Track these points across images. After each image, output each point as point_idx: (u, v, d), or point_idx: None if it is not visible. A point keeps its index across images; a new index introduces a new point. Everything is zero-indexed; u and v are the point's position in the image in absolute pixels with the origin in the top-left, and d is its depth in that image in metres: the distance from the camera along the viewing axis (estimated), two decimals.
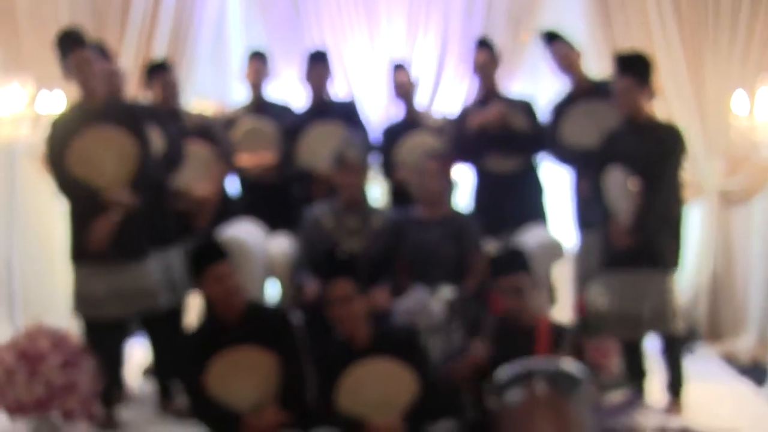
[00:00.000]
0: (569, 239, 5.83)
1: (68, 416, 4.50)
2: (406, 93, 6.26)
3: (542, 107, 6.05)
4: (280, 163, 6.12)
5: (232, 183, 6.03)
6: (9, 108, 6.23)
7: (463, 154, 5.98)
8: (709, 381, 5.80)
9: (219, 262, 4.45)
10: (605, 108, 5.41)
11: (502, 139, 5.87)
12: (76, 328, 5.18)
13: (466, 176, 6.19)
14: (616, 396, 5.30)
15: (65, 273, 6.76)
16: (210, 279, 4.41)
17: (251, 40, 7.43)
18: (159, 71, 5.73)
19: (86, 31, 5.07)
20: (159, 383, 5.29)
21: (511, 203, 5.87)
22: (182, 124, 5.63)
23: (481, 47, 6.04)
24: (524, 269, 4.59)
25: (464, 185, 6.18)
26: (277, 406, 4.31)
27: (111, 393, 4.98)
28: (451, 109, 6.71)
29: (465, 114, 6.13)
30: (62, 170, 4.82)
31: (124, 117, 4.95)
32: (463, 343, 4.83)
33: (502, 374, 4.13)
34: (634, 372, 5.31)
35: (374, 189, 6.52)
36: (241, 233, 5.40)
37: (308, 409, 4.43)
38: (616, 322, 5.09)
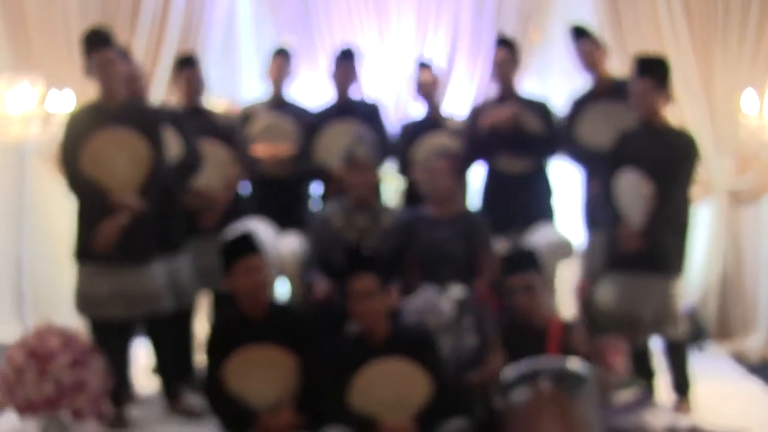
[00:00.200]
0: (577, 239, 5.82)
1: (78, 415, 4.51)
2: (429, 92, 6.25)
3: (554, 106, 6.04)
4: (295, 158, 6.12)
5: (244, 183, 6.02)
6: (19, 107, 6.25)
7: (474, 152, 5.97)
8: (719, 380, 5.81)
9: (250, 255, 4.45)
10: (623, 109, 5.39)
11: (513, 140, 5.86)
12: (85, 328, 5.19)
13: (477, 175, 6.18)
14: (625, 395, 5.29)
15: (74, 272, 6.82)
16: (240, 271, 4.40)
17: (261, 39, 7.45)
18: (185, 66, 5.77)
19: (113, 31, 5.11)
20: (164, 384, 5.30)
21: (520, 203, 5.85)
22: (203, 123, 5.65)
23: (501, 45, 6.02)
24: (535, 268, 4.61)
25: (474, 184, 6.19)
26: (293, 409, 4.30)
27: (120, 392, 4.99)
28: (461, 107, 6.71)
29: (478, 111, 6.12)
30: (74, 168, 4.83)
31: (140, 120, 4.96)
32: (473, 343, 4.85)
33: (508, 374, 4.13)
34: (642, 372, 5.30)
35: (387, 188, 6.52)
36: (251, 233, 5.40)
37: (321, 413, 4.43)
38: (620, 324, 5.09)
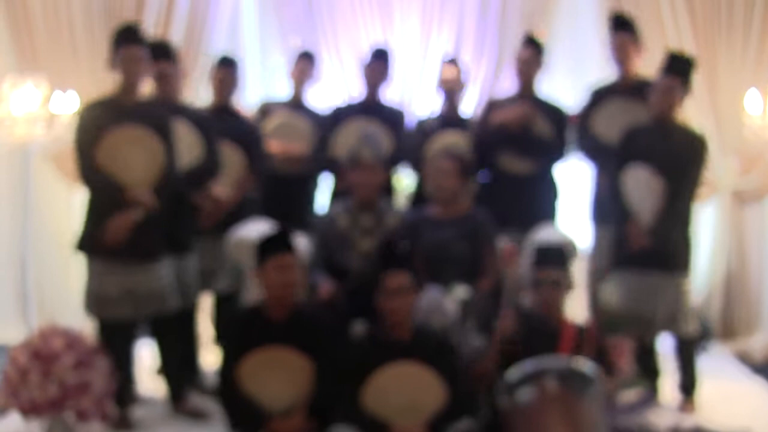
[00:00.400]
0: (582, 239, 5.82)
1: (82, 416, 4.51)
2: (449, 89, 6.24)
3: (563, 105, 6.03)
4: (307, 158, 6.13)
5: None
6: (23, 108, 6.25)
7: (479, 147, 5.96)
8: (723, 380, 5.81)
9: (285, 253, 4.44)
10: (641, 108, 5.38)
11: (520, 140, 5.84)
12: (90, 328, 5.19)
13: (481, 171, 6.17)
14: (630, 395, 5.29)
15: (79, 273, 6.81)
16: (271, 268, 4.39)
17: (265, 38, 7.47)
18: (221, 65, 5.80)
19: (145, 31, 5.14)
20: (168, 385, 5.30)
21: (520, 204, 5.79)
22: (227, 124, 5.67)
23: (528, 44, 5.98)
24: (565, 266, 4.60)
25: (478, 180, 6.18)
26: (305, 413, 4.29)
27: (124, 393, 5.00)
28: (465, 106, 6.70)
29: (492, 107, 6.10)
30: (89, 160, 4.82)
31: (154, 120, 4.97)
32: (478, 343, 4.85)
33: (514, 373, 4.13)
34: (648, 371, 5.31)
35: (398, 190, 6.52)
36: (254, 234, 5.40)
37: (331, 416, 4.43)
38: (629, 322, 5.09)
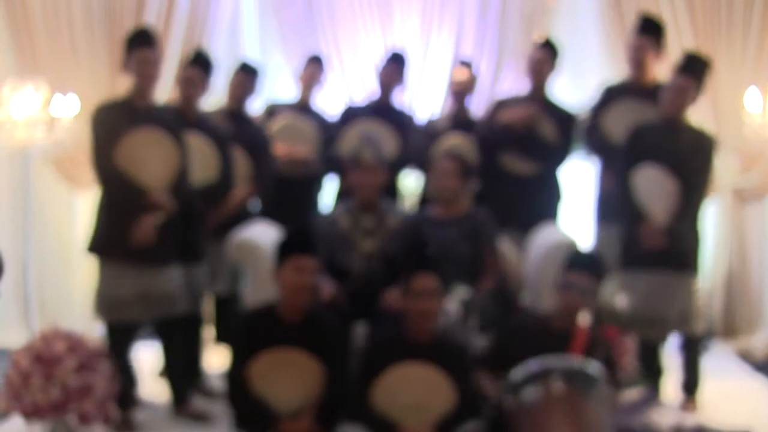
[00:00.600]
0: (583, 238, 5.82)
1: (84, 419, 4.51)
2: (459, 91, 6.28)
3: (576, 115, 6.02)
4: (310, 162, 6.14)
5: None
6: (23, 111, 6.25)
7: (484, 145, 5.97)
8: (725, 378, 5.82)
9: (305, 254, 4.41)
10: (652, 111, 5.37)
11: (523, 141, 5.85)
12: (92, 331, 5.20)
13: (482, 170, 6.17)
14: (632, 394, 5.30)
15: (81, 276, 6.82)
16: (290, 267, 4.37)
17: (265, 41, 7.48)
18: (240, 71, 5.85)
19: (158, 35, 5.14)
20: (171, 388, 5.30)
21: (521, 204, 5.84)
22: (238, 129, 5.66)
23: (543, 46, 5.99)
24: (597, 276, 4.54)
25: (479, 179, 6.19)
26: (313, 417, 4.28)
27: (127, 396, 5.00)
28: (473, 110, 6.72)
29: (500, 105, 6.11)
30: (108, 161, 4.83)
31: (168, 124, 4.98)
32: (479, 342, 4.85)
33: (519, 372, 4.13)
34: (651, 370, 5.31)
35: (404, 192, 6.53)
36: (256, 235, 5.40)
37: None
38: (643, 323, 5.09)
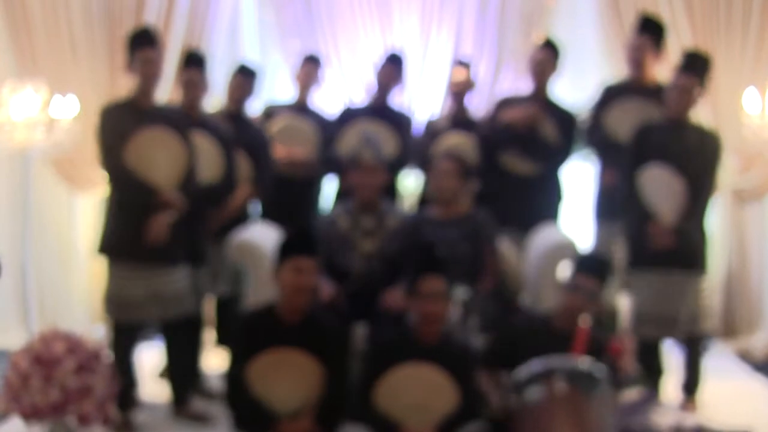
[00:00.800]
0: (583, 238, 5.83)
1: (84, 420, 4.49)
2: (458, 91, 6.28)
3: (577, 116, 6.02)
4: (309, 163, 6.15)
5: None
6: (23, 113, 6.25)
7: (486, 144, 5.97)
8: (724, 378, 5.82)
9: (304, 255, 4.40)
10: (656, 110, 5.40)
11: (524, 141, 5.86)
12: (92, 332, 5.20)
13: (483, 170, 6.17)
14: (631, 394, 5.29)
15: (80, 277, 6.82)
16: (288, 268, 4.36)
17: (265, 41, 7.49)
18: (238, 73, 5.84)
19: (159, 34, 5.14)
20: (172, 388, 5.30)
21: (522, 204, 5.84)
22: (237, 131, 5.64)
23: (545, 47, 5.99)
24: (604, 279, 4.53)
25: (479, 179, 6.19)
26: (313, 417, 4.28)
27: (127, 396, 5.00)
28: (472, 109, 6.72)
29: (503, 105, 6.12)
30: (118, 161, 4.84)
31: (174, 123, 5.00)
32: (479, 343, 4.86)
33: (522, 372, 4.13)
34: (651, 370, 5.30)
35: (404, 193, 6.53)
36: (256, 237, 5.41)
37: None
38: (653, 323, 5.09)
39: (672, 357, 5.45)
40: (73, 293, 6.91)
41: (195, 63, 5.39)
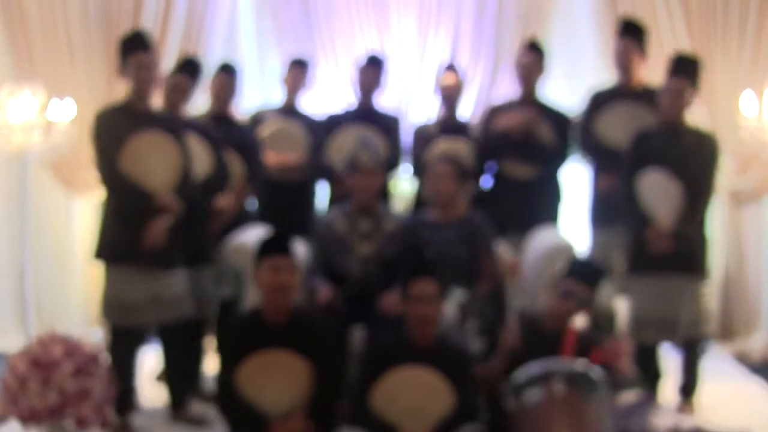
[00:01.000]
0: (581, 241, 5.83)
1: (82, 423, 4.49)
2: (450, 95, 6.26)
3: (569, 114, 6.03)
4: (303, 166, 6.14)
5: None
6: (20, 116, 6.25)
7: (483, 152, 5.98)
8: (722, 380, 5.82)
9: (280, 255, 4.42)
10: (646, 113, 5.42)
11: (523, 146, 5.86)
12: (90, 336, 5.20)
13: (484, 176, 6.18)
14: (628, 397, 5.29)
15: (78, 280, 6.82)
16: (266, 269, 4.39)
17: (262, 46, 7.47)
18: (221, 72, 5.82)
19: (152, 38, 5.10)
20: (170, 392, 5.29)
21: (523, 209, 5.85)
22: (226, 132, 5.64)
23: (530, 49, 6.01)
24: (591, 285, 4.53)
25: (481, 185, 6.19)
26: (305, 416, 4.29)
27: (125, 400, 4.99)
28: (462, 109, 6.72)
29: (495, 112, 6.13)
30: (113, 167, 4.83)
31: (169, 126, 5.00)
32: (477, 346, 4.85)
33: (521, 375, 4.14)
34: (649, 373, 5.30)
35: (396, 196, 6.53)
36: (252, 239, 5.40)
37: (335, 422, 4.44)
38: (653, 327, 5.09)
39: (669, 359, 5.44)
40: (71, 296, 6.90)
41: (186, 69, 5.39)
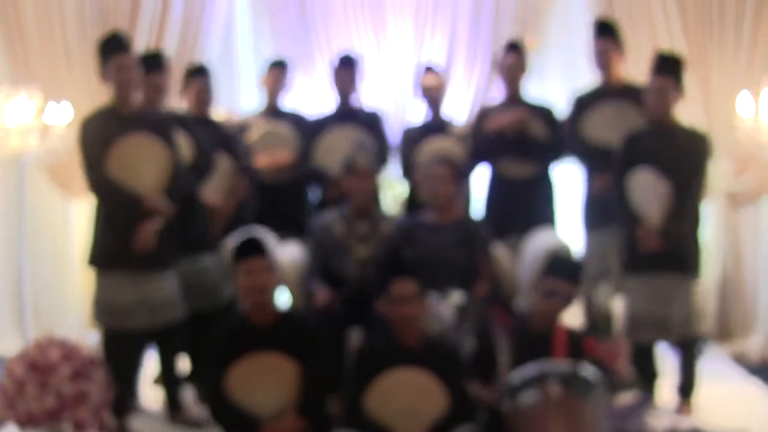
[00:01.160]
0: (576, 241, 5.83)
1: (79, 427, 4.49)
2: (433, 96, 6.28)
3: (557, 110, 6.05)
4: (295, 164, 6.13)
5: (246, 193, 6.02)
6: (17, 119, 6.24)
7: (479, 155, 5.99)
8: (719, 381, 5.81)
9: (252, 257, 4.43)
10: (632, 110, 5.42)
11: (519, 144, 5.87)
12: (87, 339, 5.19)
13: (480, 178, 6.18)
14: (626, 397, 5.29)
15: (76, 284, 6.81)
16: (242, 273, 4.41)
17: (259, 47, 7.47)
18: (196, 75, 5.79)
19: (129, 38, 5.10)
20: (167, 394, 5.29)
21: (522, 208, 5.88)
22: (210, 133, 5.63)
23: (512, 50, 6.02)
24: (574, 281, 4.55)
25: (478, 187, 6.19)
26: (297, 415, 4.30)
27: (123, 403, 4.99)
28: (458, 112, 6.72)
29: (484, 114, 6.14)
30: (100, 173, 4.84)
31: (156, 126, 4.99)
32: (473, 348, 4.85)
33: (517, 376, 4.14)
34: (646, 374, 5.30)
35: (387, 196, 6.53)
36: None
37: (326, 419, 4.45)
38: (645, 326, 5.09)
39: (667, 360, 5.44)
40: (68, 299, 6.90)
41: (153, 65, 5.37)
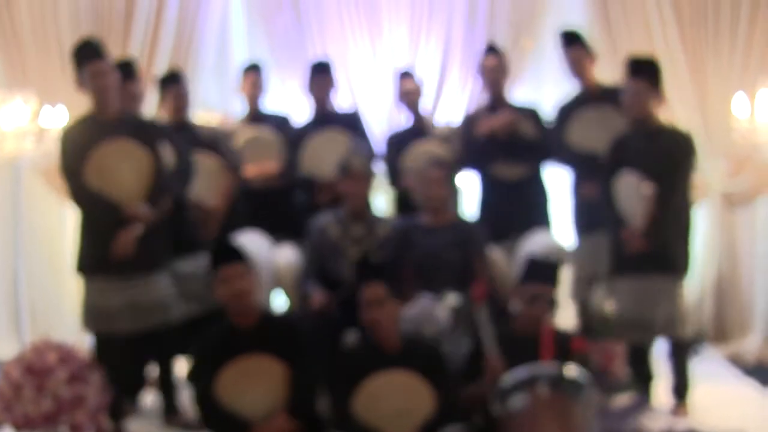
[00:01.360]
0: (570, 244, 5.84)
1: (76, 430, 4.51)
2: (412, 101, 6.27)
3: (546, 112, 6.05)
4: (282, 173, 6.11)
5: (236, 192, 6.00)
6: (12, 123, 6.25)
7: (470, 160, 5.99)
8: (715, 382, 5.81)
9: (228, 264, 4.42)
10: (614, 114, 5.42)
11: (510, 146, 5.87)
12: (84, 342, 5.19)
13: (473, 182, 6.19)
14: (622, 399, 5.30)
15: (72, 287, 6.81)
16: (219, 281, 4.40)
17: (254, 51, 7.44)
18: (171, 83, 5.75)
19: (105, 44, 5.06)
20: (163, 397, 5.29)
21: (517, 210, 5.88)
22: (192, 136, 5.61)
23: (490, 53, 6.04)
24: (554, 283, 4.57)
25: (471, 191, 6.19)
26: (287, 416, 4.30)
27: (119, 406, 4.99)
28: (454, 116, 6.72)
29: (472, 120, 6.13)
30: (79, 181, 4.82)
31: (137, 131, 4.96)
32: (469, 350, 4.85)
33: (507, 380, 4.14)
34: (641, 375, 5.31)
35: (379, 198, 6.53)
36: (248, 244, 5.40)
37: (318, 419, 4.45)
38: (629, 327, 5.09)
39: (662, 362, 5.44)
40: (65, 303, 6.88)
41: (129, 75, 5.36)
